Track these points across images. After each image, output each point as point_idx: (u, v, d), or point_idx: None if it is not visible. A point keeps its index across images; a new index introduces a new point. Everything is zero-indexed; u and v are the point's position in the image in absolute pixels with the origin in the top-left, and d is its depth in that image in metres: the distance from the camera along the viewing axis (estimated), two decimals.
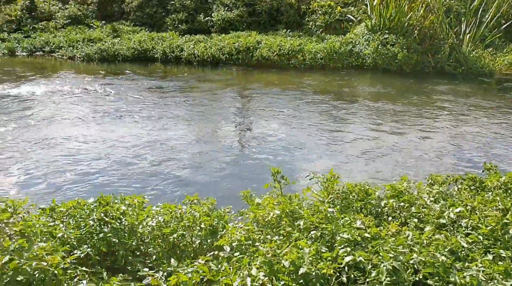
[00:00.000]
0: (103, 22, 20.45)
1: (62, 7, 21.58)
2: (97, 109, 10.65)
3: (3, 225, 3.59)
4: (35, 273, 2.90)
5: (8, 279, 2.84)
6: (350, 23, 18.34)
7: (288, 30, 18.38)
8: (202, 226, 3.83)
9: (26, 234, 3.46)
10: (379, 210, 4.20)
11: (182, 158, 7.78)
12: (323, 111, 10.77)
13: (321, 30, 18.47)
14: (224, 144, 8.54)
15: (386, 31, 16.21)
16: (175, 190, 6.59)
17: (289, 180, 4.59)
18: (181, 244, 3.97)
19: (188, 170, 7.28)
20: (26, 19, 20.96)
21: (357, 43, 16.43)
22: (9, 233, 3.49)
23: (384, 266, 2.65)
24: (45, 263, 2.85)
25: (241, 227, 3.52)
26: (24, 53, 18.42)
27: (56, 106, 10.85)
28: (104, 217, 3.78)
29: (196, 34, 18.54)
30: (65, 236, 3.53)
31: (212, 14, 19.76)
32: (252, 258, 3.09)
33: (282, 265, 2.78)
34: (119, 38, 18.32)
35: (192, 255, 3.91)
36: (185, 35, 18.38)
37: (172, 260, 3.17)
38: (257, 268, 2.83)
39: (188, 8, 20.16)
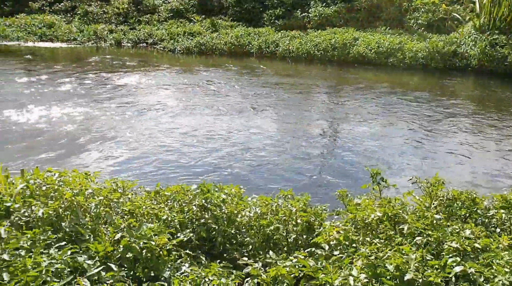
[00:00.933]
0: (203, 16, 21.15)
1: (166, 1, 22.63)
2: (196, 100, 11.05)
3: (114, 204, 3.84)
4: (143, 251, 3.05)
5: (119, 255, 3.03)
6: (455, 22, 17.34)
7: (388, 28, 17.78)
8: (299, 221, 3.82)
9: (134, 214, 3.68)
10: (486, 220, 3.93)
11: (273, 154, 7.84)
12: (421, 114, 10.29)
13: (423, 28, 17.66)
14: (320, 142, 8.47)
15: (496, 31, 15.10)
16: (268, 183, 6.67)
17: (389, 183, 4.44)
18: (275, 237, 3.99)
19: (280, 167, 7.31)
20: (132, 12, 22.27)
21: (462, 43, 15.49)
22: (119, 212, 3.73)
23: (499, 280, 2.46)
24: (153, 243, 3.00)
25: (339, 226, 3.46)
26: (129, 44, 19.58)
27: (159, 96, 11.42)
28: (205, 204, 3.90)
29: (292, 29, 18.56)
30: (169, 219, 3.69)
31: (309, 10, 19.67)
32: (351, 259, 3.02)
33: (385, 268, 2.69)
34: (217, 33, 18.86)
35: (285, 249, 3.92)
36: (281, 31, 18.48)
37: (271, 252, 3.19)
38: (358, 270, 2.76)
39: (286, 4, 20.23)
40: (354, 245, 3.31)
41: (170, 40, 18.73)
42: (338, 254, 3.05)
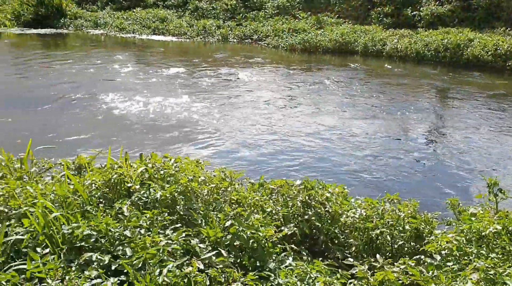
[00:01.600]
0: (309, 13, 21.11)
1: None
2: (300, 98, 11.09)
3: (222, 192, 3.98)
4: (250, 241, 3.13)
5: (228, 242, 3.13)
6: None
7: (508, 29, 16.44)
8: (407, 227, 3.68)
9: (241, 204, 3.78)
10: None
11: (375, 156, 7.63)
12: None
13: None
14: (426, 147, 8.10)
15: None
16: (371, 185, 6.52)
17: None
18: (378, 241, 3.89)
19: (383, 172, 7.10)
20: (240, 8, 22.85)
21: None
22: (227, 200, 3.86)
23: None
24: (261, 234, 3.07)
25: (451, 236, 3.28)
26: (235, 40, 20.12)
27: (265, 91, 11.63)
28: (309, 201, 3.90)
29: (401, 28, 17.88)
30: (273, 212, 3.75)
31: (421, 8, 18.80)
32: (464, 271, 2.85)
33: (505, 285, 2.50)
34: (322, 30, 18.73)
35: (389, 254, 3.81)
36: (389, 29, 17.88)
37: (378, 255, 3.11)
38: (474, 284, 2.60)
39: (395, 2, 19.53)
40: (467, 257, 3.12)
41: (275, 37, 18.94)
42: (451, 265, 2.89)
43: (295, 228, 3.58)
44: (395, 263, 3.12)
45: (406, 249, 3.73)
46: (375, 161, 7.36)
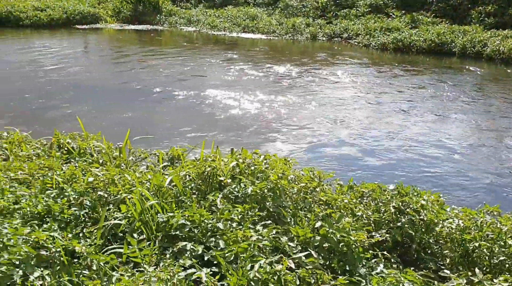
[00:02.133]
0: (403, 12, 20.35)
1: None
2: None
3: (311, 192, 3.93)
4: (340, 244, 3.06)
5: (317, 243, 3.09)
6: None
7: None
8: (510, 242, 3.41)
9: (330, 205, 3.72)
10: None
11: (471, 164, 7.17)
12: None
13: None
14: None
15: None
16: (464, 194, 6.14)
17: None
18: (474, 255, 3.64)
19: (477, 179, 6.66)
20: (331, 6, 22.56)
21: None
22: (315, 201, 3.81)
23: None
24: (352, 238, 2.99)
25: None
26: (324, 38, 19.89)
27: (355, 91, 11.41)
28: (402, 207, 3.74)
29: (505, 28, 16.66)
30: (364, 216, 3.64)
31: None
32: None
33: None
34: (416, 29, 17.97)
35: (487, 269, 3.55)
36: (491, 30, 16.74)
37: (477, 270, 2.91)
38: None
39: (499, 0, 18.24)
40: None
41: (366, 35, 18.48)
42: None
43: (387, 235, 3.45)
44: (494, 279, 2.91)
45: (507, 265, 3.46)
46: (465, 168, 6.92)
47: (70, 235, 3.14)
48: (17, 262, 2.78)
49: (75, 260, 3.00)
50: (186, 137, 7.76)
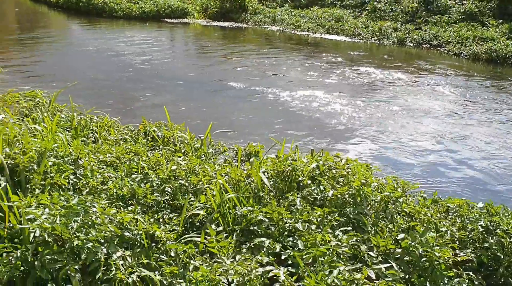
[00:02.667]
0: (500, 21, 19.11)
1: (459, 2, 21.28)
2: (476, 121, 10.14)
3: (392, 202, 3.78)
4: (422, 259, 2.92)
5: (398, 255, 2.95)
6: None
7: None
8: None
9: (414, 218, 3.55)
10: None
11: None
12: None
13: None
14: None
15: None
16: None
17: None
18: None
19: None
20: (421, 11, 21.67)
21: None
22: (398, 212, 3.65)
23: None
24: (437, 254, 2.83)
25: None
26: (411, 44, 19.15)
27: (435, 100, 10.91)
28: (491, 227, 3.50)
29: None
30: (449, 233, 3.44)
31: None
32: None
33: None
34: None
35: None
36: None
37: None
38: None
39: None
40: None
41: (457, 44, 17.57)
42: None
43: (473, 255, 3.24)
44: None
45: None
46: None
47: (151, 220, 3.25)
48: (102, 241, 2.91)
49: (153, 244, 3.10)
50: (265, 134, 7.80)
